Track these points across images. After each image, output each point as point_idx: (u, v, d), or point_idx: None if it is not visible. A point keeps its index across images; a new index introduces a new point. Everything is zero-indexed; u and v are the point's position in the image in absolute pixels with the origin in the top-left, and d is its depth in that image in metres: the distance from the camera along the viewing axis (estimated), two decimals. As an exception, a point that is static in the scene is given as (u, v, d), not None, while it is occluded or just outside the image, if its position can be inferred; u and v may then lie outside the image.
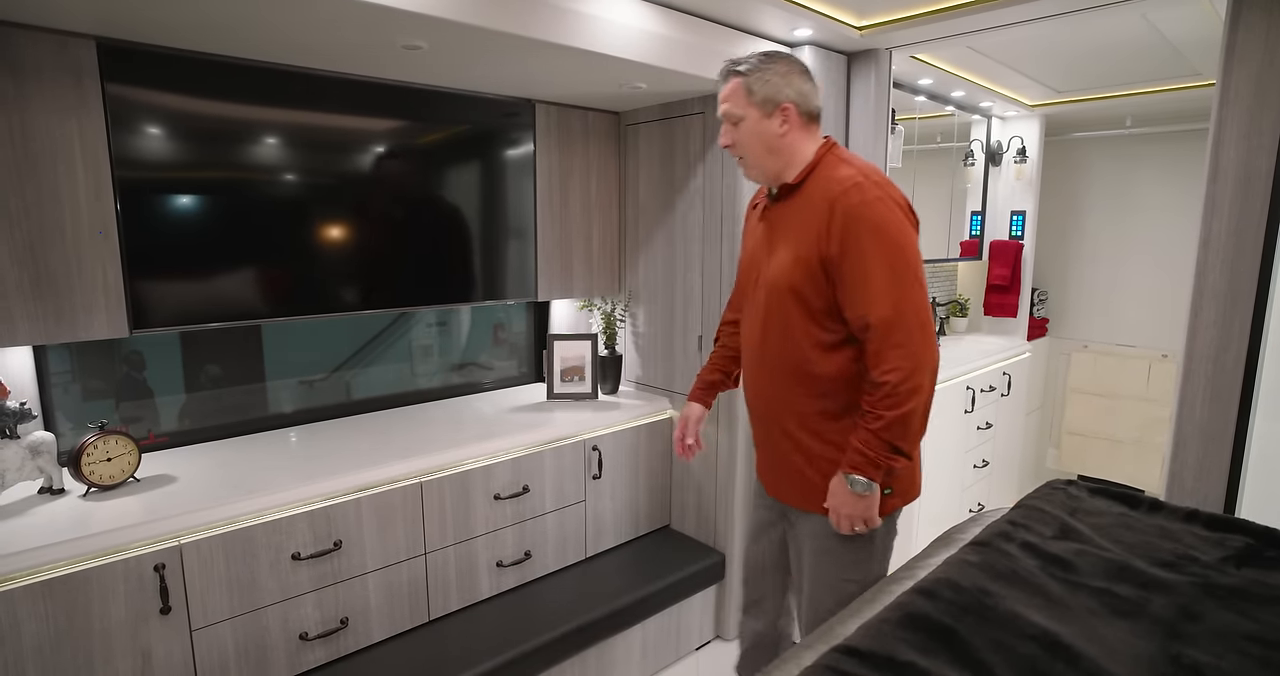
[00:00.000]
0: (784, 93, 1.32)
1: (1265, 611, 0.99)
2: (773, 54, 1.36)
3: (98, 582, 1.29)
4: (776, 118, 1.33)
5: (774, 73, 1.32)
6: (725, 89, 1.36)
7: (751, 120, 1.34)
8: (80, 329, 1.46)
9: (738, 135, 1.36)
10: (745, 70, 1.33)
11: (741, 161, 1.40)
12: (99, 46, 1.41)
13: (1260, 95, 1.49)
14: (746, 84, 1.33)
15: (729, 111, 1.36)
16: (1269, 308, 1.51)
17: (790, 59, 1.36)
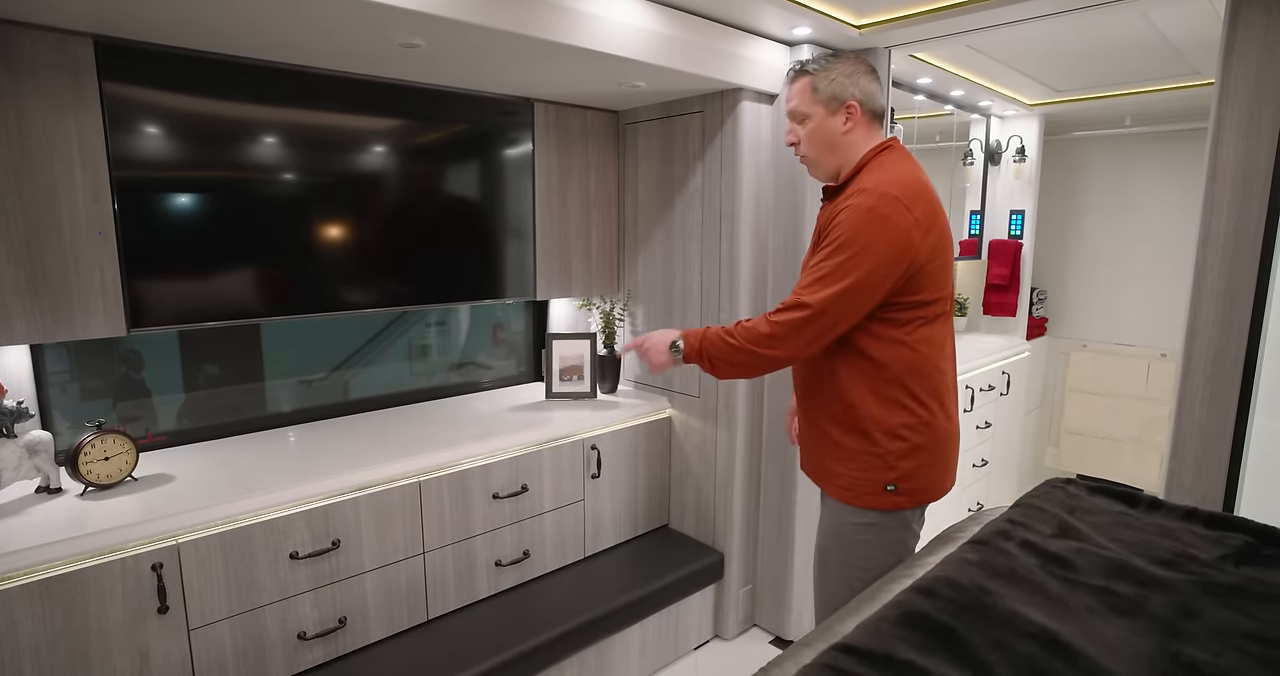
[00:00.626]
0: (849, 90, 1.34)
1: (1264, 609, 0.99)
2: (839, 53, 1.41)
3: (95, 582, 1.29)
4: (841, 115, 1.35)
5: (839, 71, 1.35)
6: (792, 88, 1.39)
7: (817, 118, 1.36)
8: (78, 328, 1.46)
9: (803, 133, 1.38)
10: (812, 69, 1.36)
11: (805, 160, 1.41)
12: (96, 44, 1.41)
13: (1259, 93, 1.49)
14: (813, 82, 1.35)
15: (795, 108, 1.38)
16: (1268, 306, 1.51)
17: (856, 58, 1.38)
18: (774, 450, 2.19)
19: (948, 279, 1.34)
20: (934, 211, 1.29)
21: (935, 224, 1.28)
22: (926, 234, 1.26)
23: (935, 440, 1.34)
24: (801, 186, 2.03)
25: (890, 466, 1.31)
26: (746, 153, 2.03)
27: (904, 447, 1.31)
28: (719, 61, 1.85)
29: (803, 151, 1.40)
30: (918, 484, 1.33)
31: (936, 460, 1.34)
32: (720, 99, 2.05)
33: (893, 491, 1.32)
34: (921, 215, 1.25)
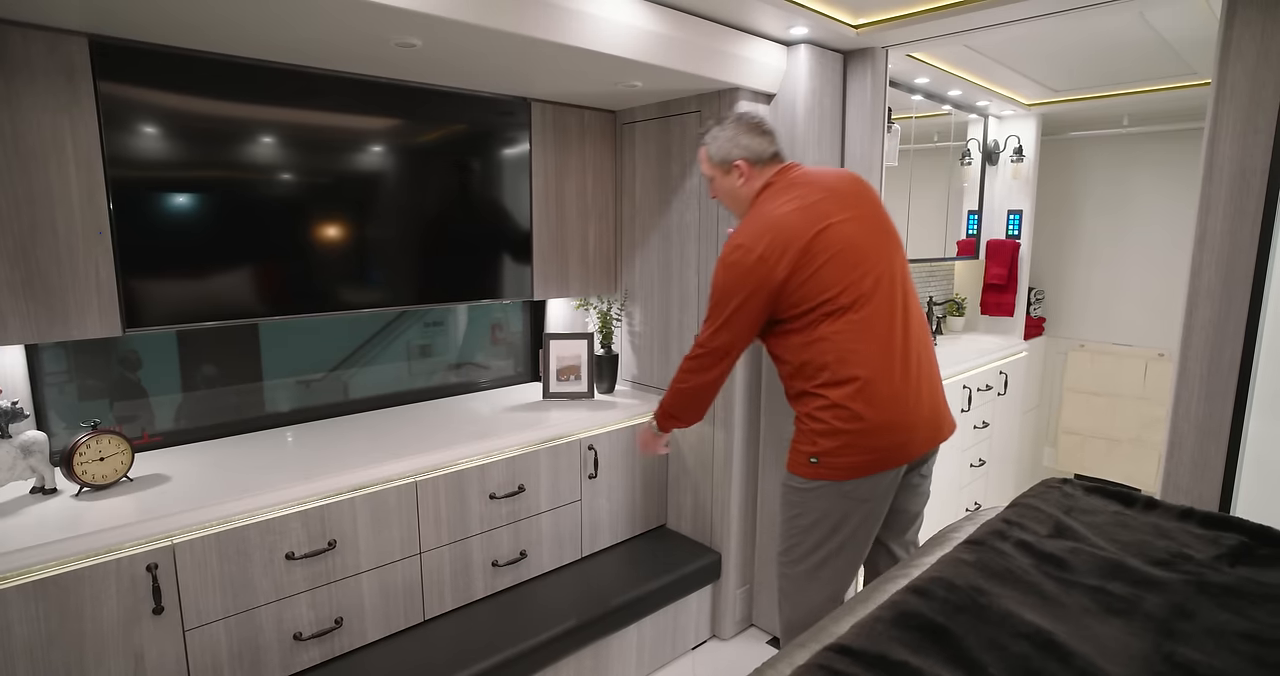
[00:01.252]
0: (733, 152, 1.60)
1: (1258, 609, 0.99)
2: (725, 118, 1.65)
3: (90, 583, 1.29)
4: (734, 173, 1.62)
5: (723, 137, 1.61)
6: (700, 154, 1.68)
7: (718, 178, 1.65)
8: (73, 328, 1.45)
9: (714, 190, 1.69)
10: (706, 140, 1.65)
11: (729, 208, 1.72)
12: (91, 44, 1.41)
13: (1255, 93, 1.49)
14: (706, 151, 1.65)
15: (703, 173, 1.69)
16: (1264, 306, 1.51)
17: (737, 120, 1.62)
18: (771, 450, 2.18)
19: (839, 278, 1.46)
20: (785, 240, 1.46)
21: (788, 249, 1.45)
22: (778, 263, 1.45)
23: (855, 424, 1.45)
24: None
25: (812, 442, 1.50)
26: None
27: (823, 428, 1.48)
28: (716, 61, 1.85)
29: (721, 202, 1.71)
30: (840, 460, 1.48)
31: (860, 441, 1.45)
32: (717, 99, 2.05)
33: (815, 463, 1.50)
34: (766, 250, 1.46)
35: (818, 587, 1.59)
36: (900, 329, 1.49)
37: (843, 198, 1.52)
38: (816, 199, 1.50)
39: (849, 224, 1.48)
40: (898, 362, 1.47)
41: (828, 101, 2.07)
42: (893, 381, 1.46)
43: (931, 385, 1.55)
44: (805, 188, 1.53)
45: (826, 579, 1.58)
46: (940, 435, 1.58)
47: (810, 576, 1.59)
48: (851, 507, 1.52)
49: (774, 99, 2.07)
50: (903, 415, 1.47)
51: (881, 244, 1.52)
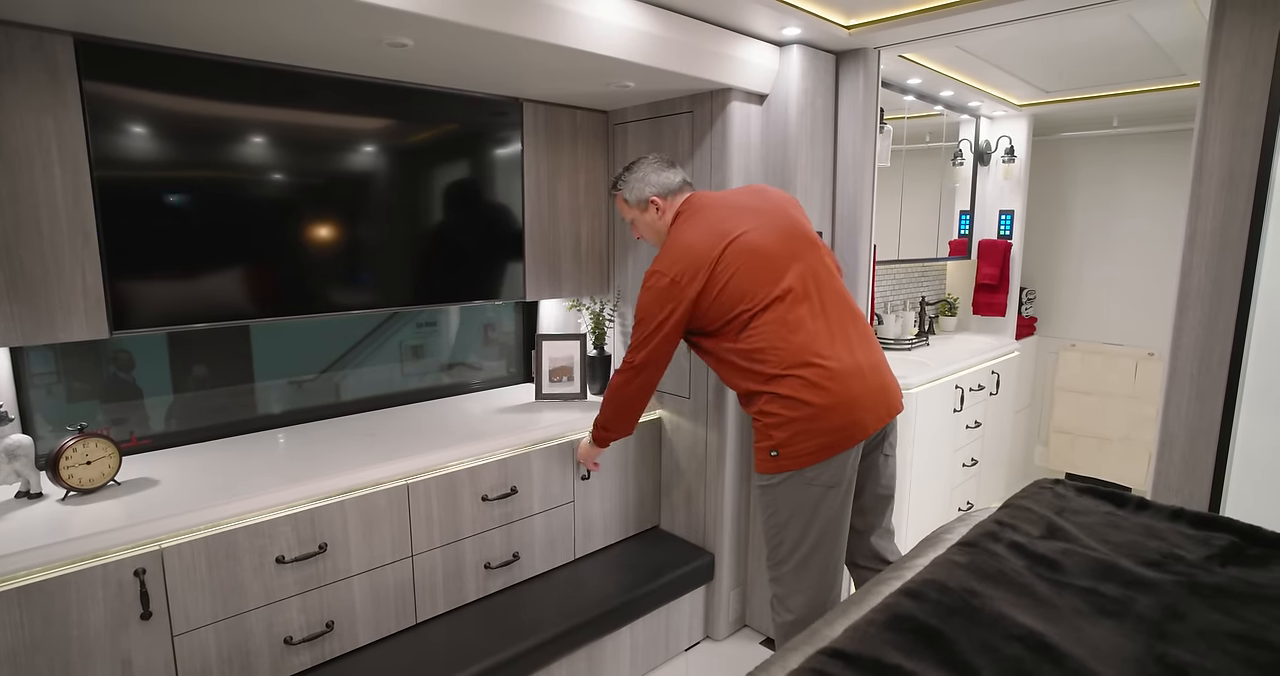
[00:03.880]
0: (645, 191, 1.75)
1: (1249, 609, 0.99)
2: (630, 164, 1.80)
3: (75, 588, 1.27)
4: (650, 209, 1.76)
5: (634, 178, 1.77)
6: (617, 203, 1.85)
7: (638, 217, 1.79)
8: (59, 330, 1.44)
9: (636, 231, 1.85)
10: (619, 187, 1.80)
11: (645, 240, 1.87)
12: (76, 43, 1.39)
13: (1244, 95, 1.50)
14: (622, 196, 1.80)
15: (625, 217, 1.85)
16: (1253, 305, 1.52)
17: (643, 161, 1.78)
18: (764, 451, 2.18)
19: (753, 281, 1.57)
20: (696, 261, 1.58)
21: (699, 270, 1.58)
22: (690, 283, 1.58)
23: (803, 410, 1.53)
24: (791, 188, 2.02)
25: (768, 436, 1.57)
26: (736, 153, 2.03)
27: (775, 420, 1.55)
28: (708, 62, 1.84)
29: (645, 239, 1.85)
30: (798, 448, 1.54)
31: (811, 425, 1.53)
32: (710, 99, 2.05)
33: (776, 456, 1.57)
34: (679, 273, 1.59)
35: (808, 582, 1.62)
36: (825, 315, 1.59)
37: (744, 211, 1.64)
38: (720, 216, 1.64)
39: (753, 233, 1.59)
40: (832, 347, 1.56)
41: (820, 102, 2.07)
42: (829, 365, 1.54)
43: (872, 362, 1.62)
44: (710, 210, 1.67)
45: (815, 572, 1.61)
46: (892, 408, 1.65)
47: (798, 574, 1.62)
48: (819, 495, 1.57)
49: (766, 99, 2.07)
50: (847, 394, 1.54)
51: (788, 243, 1.62)
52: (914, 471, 2.65)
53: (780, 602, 1.67)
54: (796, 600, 1.63)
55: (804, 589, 1.62)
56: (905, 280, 3.43)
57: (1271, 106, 1.47)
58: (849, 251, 2.18)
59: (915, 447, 2.64)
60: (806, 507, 1.58)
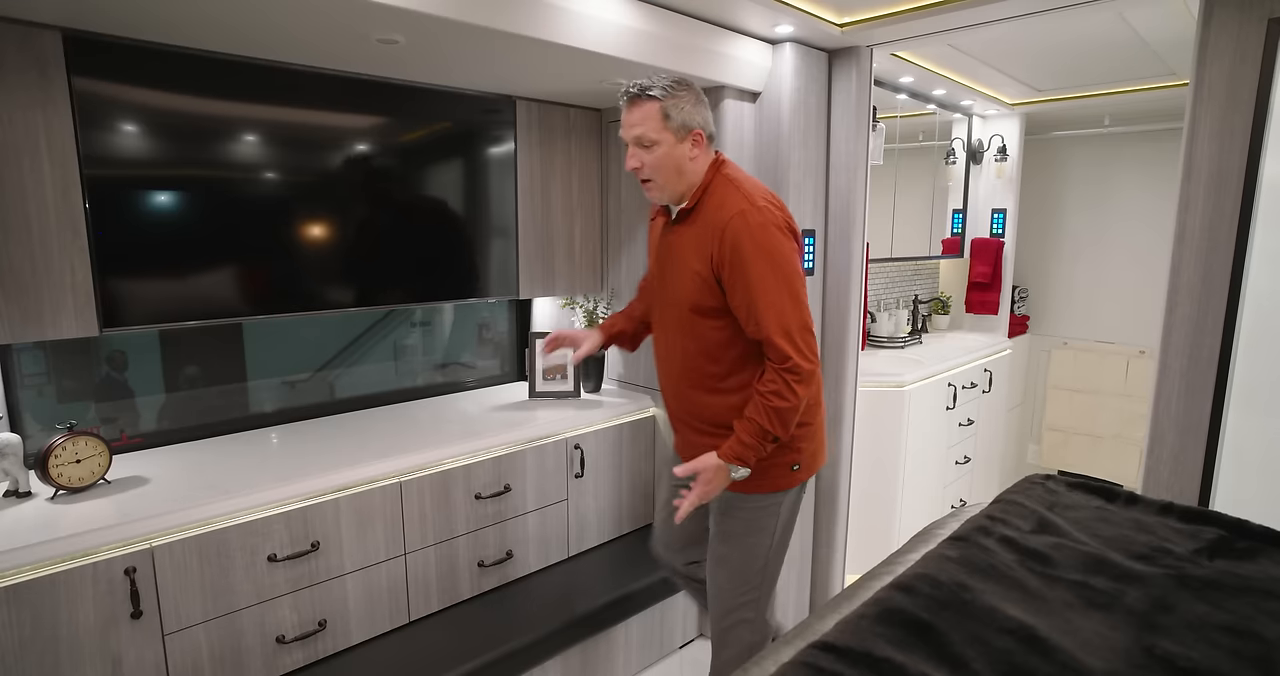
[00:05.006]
0: (695, 119, 1.39)
1: (1236, 602, 1.00)
2: (681, 80, 1.41)
3: (65, 587, 1.26)
4: (688, 142, 1.39)
5: (687, 100, 1.39)
6: (637, 112, 1.38)
7: (666, 145, 1.38)
8: (47, 328, 1.43)
9: (649, 158, 1.39)
10: (661, 96, 1.36)
11: (648, 184, 1.44)
12: (65, 38, 1.38)
13: (1232, 94, 1.51)
14: (664, 108, 1.36)
15: (644, 135, 1.38)
16: (1241, 302, 1.53)
17: (695, 87, 1.43)
18: (758, 448, 2.19)
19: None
20: (784, 213, 1.42)
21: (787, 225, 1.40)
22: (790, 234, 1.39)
23: (821, 413, 1.56)
24: (784, 186, 2.03)
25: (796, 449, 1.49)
26: (729, 151, 2.02)
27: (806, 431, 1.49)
28: (702, 59, 1.84)
29: (648, 176, 1.42)
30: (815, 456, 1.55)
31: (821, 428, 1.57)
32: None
33: (796, 470, 1.51)
34: (782, 216, 1.40)
35: (771, 595, 1.58)
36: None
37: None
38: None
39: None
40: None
41: (813, 100, 2.07)
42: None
43: None
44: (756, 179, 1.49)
45: (775, 583, 1.58)
46: None
47: (771, 589, 1.57)
48: (801, 502, 1.57)
49: (759, 97, 2.07)
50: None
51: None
52: (907, 468, 2.66)
53: (750, 625, 1.56)
54: (765, 614, 1.58)
55: (769, 602, 1.58)
56: (898, 278, 3.44)
57: (1259, 105, 1.48)
58: (841, 249, 2.18)
59: (908, 445, 2.65)
60: (795, 519, 1.54)
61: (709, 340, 1.44)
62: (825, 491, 2.31)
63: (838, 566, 2.34)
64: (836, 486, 2.29)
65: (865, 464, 2.53)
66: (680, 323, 1.47)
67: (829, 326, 2.24)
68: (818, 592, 2.38)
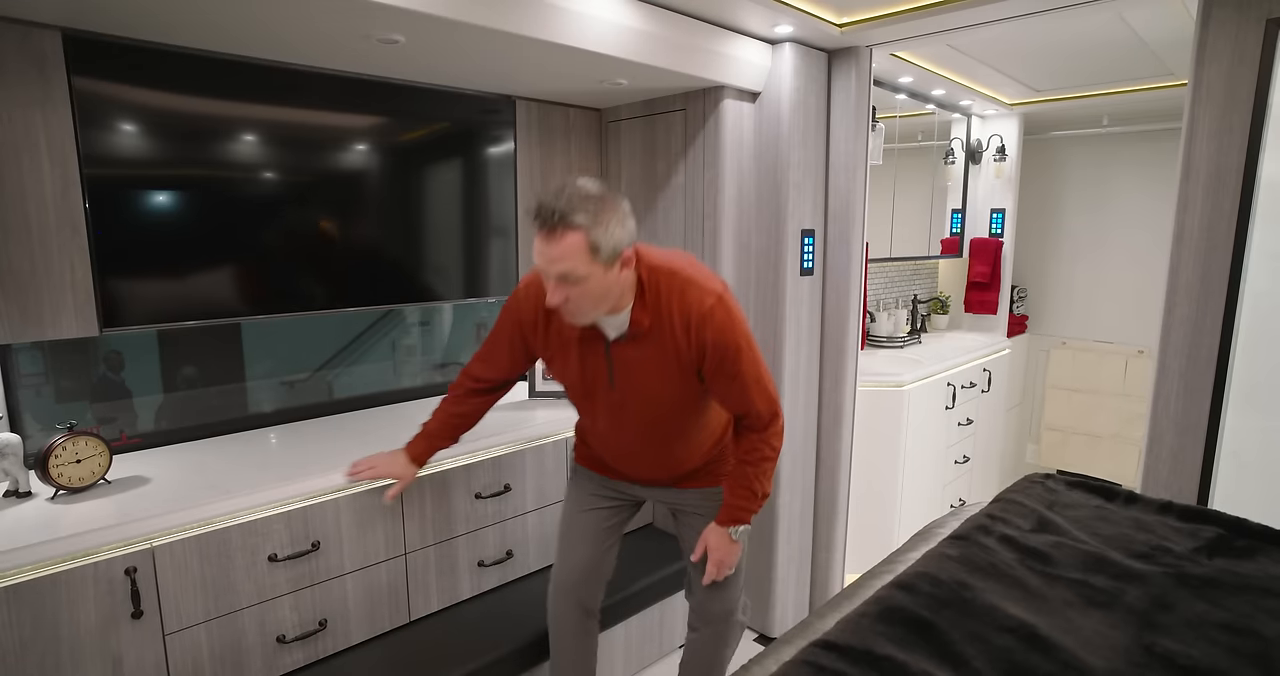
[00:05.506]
0: (623, 238, 1.22)
1: (1235, 600, 1.01)
2: (600, 196, 1.21)
3: (66, 587, 1.26)
4: (617, 266, 1.23)
5: (613, 220, 1.20)
6: (557, 246, 1.17)
7: (596, 276, 1.20)
8: (47, 327, 1.43)
9: (576, 292, 1.21)
10: (585, 223, 1.16)
11: (569, 314, 1.27)
12: (65, 38, 1.38)
13: (1231, 93, 1.51)
14: (590, 240, 1.17)
15: (569, 271, 1.18)
16: (1240, 301, 1.54)
17: (615, 197, 1.24)
18: (758, 448, 2.19)
19: None
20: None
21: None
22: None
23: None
24: (784, 188, 2.03)
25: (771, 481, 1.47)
26: (729, 151, 2.03)
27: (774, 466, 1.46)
28: (701, 59, 1.85)
29: (573, 309, 1.25)
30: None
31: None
32: (703, 97, 2.05)
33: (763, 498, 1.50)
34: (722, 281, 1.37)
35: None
36: None
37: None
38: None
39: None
40: None
41: (812, 100, 2.08)
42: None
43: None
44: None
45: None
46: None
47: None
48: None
49: (759, 97, 2.07)
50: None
51: None
52: (905, 468, 2.67)
53: (743, 611, 1.70)
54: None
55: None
56: (897, 278, 3.45)
57: (1257, 105, 1.49)
58: (841, 249, 2.19)
59: (907, 444, 2.65)
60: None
61: (692, 412, 1.45)
62: (825, 491, 2.31)
63: (837, 565, 2.35)
64: (836, 486, 2.29)
65: (864, 463, 2.53)
66: (659, 418, 1.44)
67: (828, 326, 2.24)
68: (817, 591, 2.38)
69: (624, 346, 1.35)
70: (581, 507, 1.67)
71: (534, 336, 1.45)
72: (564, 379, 1.49)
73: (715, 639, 1.66)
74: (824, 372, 2.27)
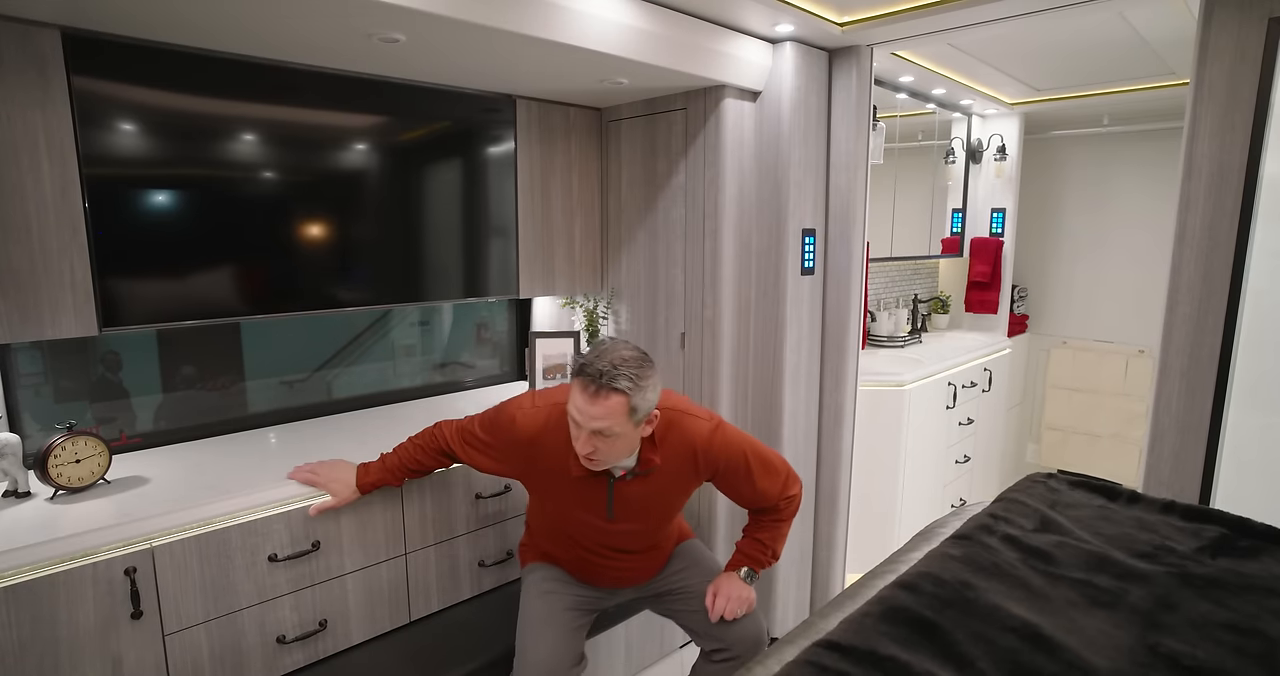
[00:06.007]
0: (654, 401, 1.34)
1: (1239, 600, 1.00)
2: (642, 360, 1.32)
3: (65, 588, 1.26)
4: (644, 424, 1.35)
5: (650, 385, 1.32)
6: (600, 406, 1.27)
7: (627, 434, 1.32)
8: (47, 327, 1.42)
9: (605, 445, 1.31)
10: (628, 389, 1.27)
11: (593, 462, 1.35)
12: (64, 37, 1.37)
13: (1233, 92, 1.51)
14: (630, 404, 1.28)
15: (607, 429, 1.28)
16: (1242, 300, 1.53)
17: (650, 361, 1.34)
18: (759, 447, 2.19)
19: None
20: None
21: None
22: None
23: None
24: (785, 187, 2.03)
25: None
26: (729, 150, 2.03)
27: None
28: (702, 58, 1.84)
29: (598, 460, 1.34)
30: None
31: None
32: (703, 96, 2.05)
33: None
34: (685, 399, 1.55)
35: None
36: None
37: None
38: None
39: None
40: None
41: (813, 99, 2.07)
42: None
43: None
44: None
45: None
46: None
47: None
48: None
49: (760, 97, 2.07)
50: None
51: None
52: (906, 468, 2.66)
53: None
54: None
55: None
56: (898, 277, 3.45)
57: (1260, 103, 1.49)
58: (842, 248, 2.18)
59: (908, 444, 2.65)
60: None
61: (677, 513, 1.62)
62: (825, 491, 2.31)
63: (838, 566, 2.34)
64: (836, 486, 2.29)
65: (865, 463, 2.53)
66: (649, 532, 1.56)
67: (829, 326, 2.24)
68: (818, 592, 2.38)
69: (629, 483, 1.45)
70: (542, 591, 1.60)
71: (526, 461, 1.50)
72: (546, 504, 1.56)
73: (741, 663, 1.58)
74: (825, 372, 2.26)
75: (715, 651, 1.61)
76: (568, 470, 1.42)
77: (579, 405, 1.29)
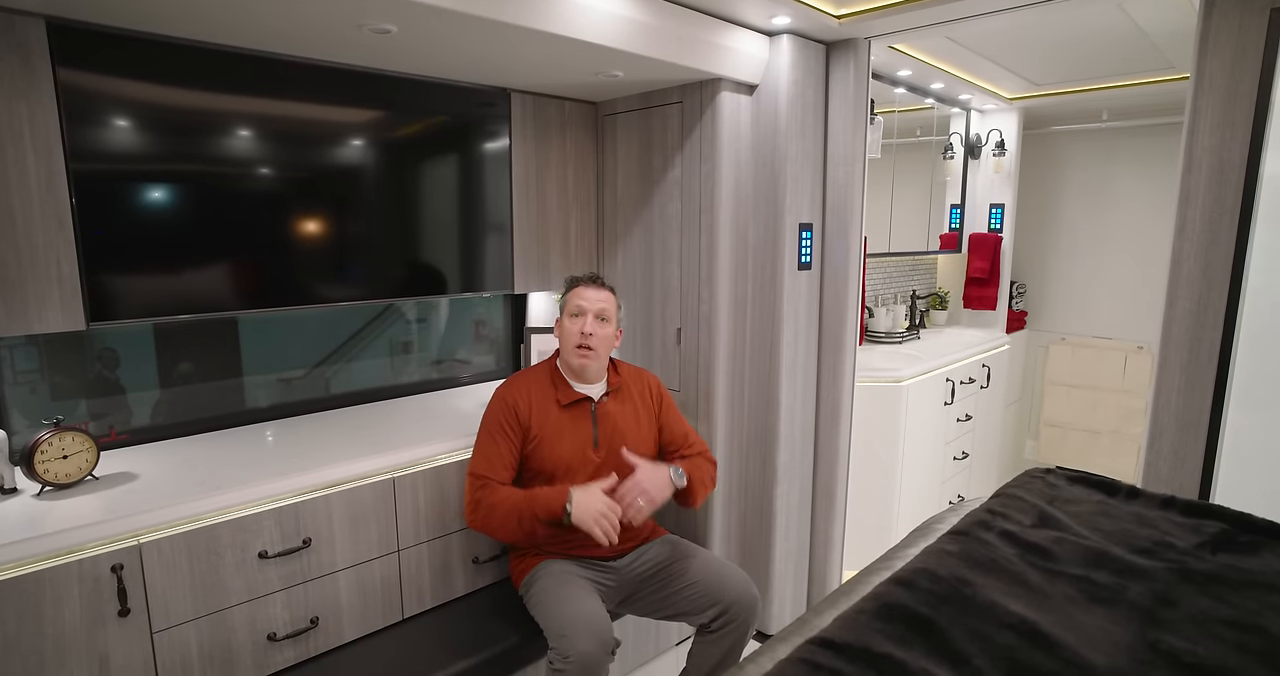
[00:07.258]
0: (623, 319, 1.91)
1: (1239, 596, 0.99)
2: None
3: (50, 585, 1.24)
4: (618, 328, 1.81)
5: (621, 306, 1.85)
6: (600, 292, 1.76)
7: (612, 326, 1.77)
8: (33, 321, 1.40)
9: (600, 332, 1.72)
10: (614, 290, 1.81)
11: (590, 353, 1.71)
12: (49, 26, 1.35)
13: (1233, 86, 1.49)
14: (617, 300, 1.80)
15: (606, 309, 1.75)
16: (1242, 296, 1.52)
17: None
18: (755, 443, 2.17)
19: None
20: None
21: None
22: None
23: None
24: (782, 182, 2.01)
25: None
26: (726, 144, 2.01)
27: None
28: (698, 51, 1.82)
29: (594, 345, 1.70)
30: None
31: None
32: (699, 89, 2.03)
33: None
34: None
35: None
36: None
37: None
38: None
39: None
40: None
41: (810, 93, 2.06)
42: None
43: None
44: None
45: None
46: None
47: None
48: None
49: (756, 90, 2.05)
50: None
51: None
52: (904, 464, 2.65)
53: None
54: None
55: None
56: (896, 273, 3.43)
57: (1261, 97, 1.47)
58: (839, 243, 2.17)
59: (906, 440, 2.64)
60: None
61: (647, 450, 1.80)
62: (822, 486, 2.29)
63: (835, 562, 2.33)
64: (834, 482, 2.27)
65: (863, 459, 2.51)
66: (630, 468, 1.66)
67: (826, 321, 2.22)
68: (814, 588, 2.36)
69: (607, 403, 1.77)
70: (562, 581, 1.63)
71: (526, 412, 1.71)
72: (551, 455, 1.70)
73: (741, 627, 1.67)
74: (822, 368, 2.25)
75: (713, 620, 1.67)
76: (557, 401, 1.72)
77: (586, 294, 1.74)
